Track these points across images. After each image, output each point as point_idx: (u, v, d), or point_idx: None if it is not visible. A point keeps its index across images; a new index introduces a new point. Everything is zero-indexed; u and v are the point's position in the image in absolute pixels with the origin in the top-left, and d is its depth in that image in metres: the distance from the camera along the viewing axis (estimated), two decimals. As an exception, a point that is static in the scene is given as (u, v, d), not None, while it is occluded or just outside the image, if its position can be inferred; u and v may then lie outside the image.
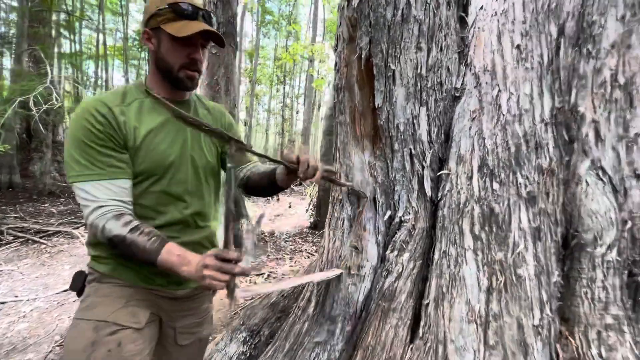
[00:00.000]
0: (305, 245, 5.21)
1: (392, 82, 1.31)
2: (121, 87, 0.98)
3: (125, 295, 0.96)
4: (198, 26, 0.89)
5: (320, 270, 1.48)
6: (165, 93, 0.97)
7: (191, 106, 1.05)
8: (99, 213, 0.84)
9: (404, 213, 1.39)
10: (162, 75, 0.96)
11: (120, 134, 0.89)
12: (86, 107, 0.88)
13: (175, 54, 0.92)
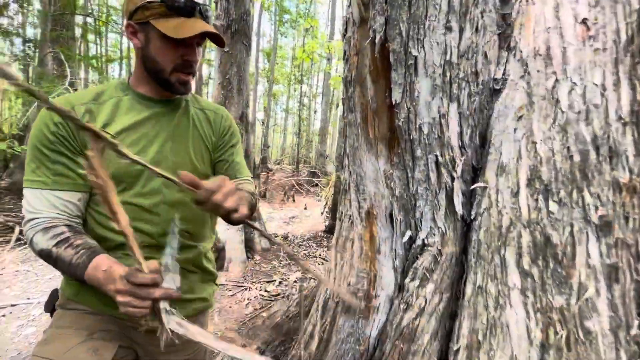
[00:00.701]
0: (319, 250, 4.98)
1: (414, 73, 1.04)
2: (100, 85, 0.90)
3: (88, 326, 0.84)
4: (196, 26, 0.78)
5: (324, 302, 1.24)
6: (152, 92, 0.88)
7: (180, 105, 0.93)
8: (30, 225, 0.75)
9: (428, 234, 1.13)
10: (149, 75, 0.86)
11: (77, 136, 0.78)
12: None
13: (166, 55, 0.81)
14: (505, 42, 1.07)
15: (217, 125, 0.97)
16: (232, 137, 1.00)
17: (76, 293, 0.86)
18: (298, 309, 1.87)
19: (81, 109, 0.81)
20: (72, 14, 6.85)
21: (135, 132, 0.84)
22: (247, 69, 4.73)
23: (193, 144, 0.90)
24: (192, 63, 0.84)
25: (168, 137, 0.87)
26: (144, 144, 0.84)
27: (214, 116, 0.98)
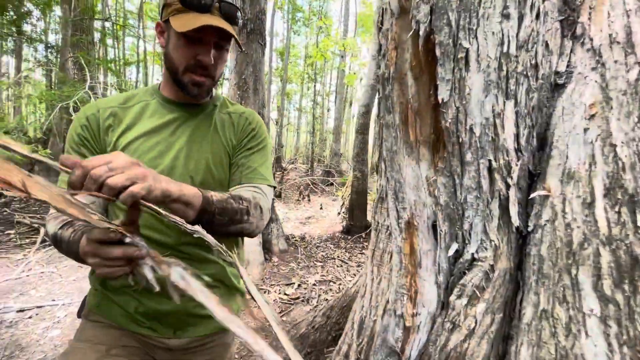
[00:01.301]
0: (337, 251, 4.89)
1: (465, 67, 0.93)
2: (135, 90, 0.92)
3: (107, 341, 0.82)
4: (205, 20, 0.73)
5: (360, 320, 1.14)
6: (176, 96, 0.87)
7: (205, 110, 0.91)
8: (48, 216, 0.77)
9: (478, 248, 1.01)
10: (170, 76, 0.84)
11: (98, 138, 0.80)
12: (80, 110, 0.84)
13: (180, 53, 0.79)
14: (569, 30, 0.94)
15: (239, 128, 0.92)
16: (251, 140, 0.92)
17: (98, 304, 0.86)
18: (324, 320, 1.78)
19: (106, 112, 0.82)
20: (91, 19, 6.97)
21: (156, 135, 0.83)
22: (262, 68, 4.67)
23: (212, 149, 0.87)
24: (207, 64, 0.79)
25: (186, 142, 0.85)
26: (162, 149, 0.82)
27: (238, 119, 0.94)
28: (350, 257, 4.78)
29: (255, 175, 0.88)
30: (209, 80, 0.82)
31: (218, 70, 0.83)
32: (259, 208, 0.79)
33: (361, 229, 5.43)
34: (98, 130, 0.80)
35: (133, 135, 0.81)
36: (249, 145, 0.91)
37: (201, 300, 0.53)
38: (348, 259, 4.68)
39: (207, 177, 0.85)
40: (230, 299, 0.93)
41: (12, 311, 2.82)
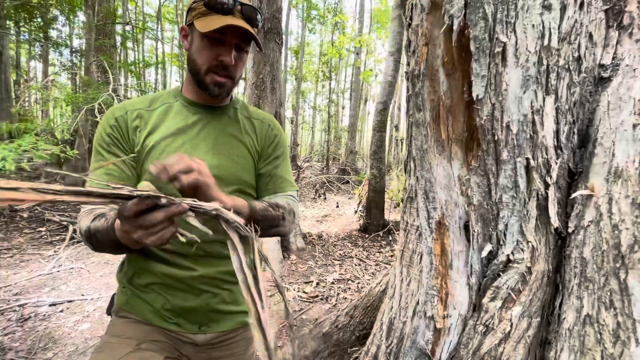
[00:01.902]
0: (355, 250, 4.86)
1: (502, 62, 0.89)
2: (158, 92, 0.93)
3: (138, 336, 0.85)
4: (227, 21, 0.76)
5: (389, 321, 1.12)
6: (198, 97, 0.88)
7: (228, 112, 0.92)
8: (80, 213, 0.79)
9: (514, 249, 0.97)
10: (192, 77, 0.86)
11: (127, 138, 0.83)
12: (108, 111, 0.86)
13: (203, 54, 0.81)
14: (615, 20, 0.89)
15: (262, 135, 0.94)
16: (276, 148, 0.95)
17: (126, 301, 0.88)
18: (347, 319, 1.77)
19: (134, 113, 0.84)
20: (113, 23, 7.17)
21: (181, 136, 0.84)
22: (280, 67, 4.68)
23: (238, 151, 0.88)
24: (228, 65, 0.81)
25: (212, 145, 0.86)
26: (187, 149, 0.84)
27: (260, 125, 0.95)
28: (368, 255, 4.75)
29: (286, 185, 0.94)
30: (229, 81, 0.84)
31: (238, 71, 0.85)
32: (292, 213, 0.87)
33: (379, 227, 5.38)
34: (127, 130, 0.83)
35: (159, 136, 0.84)
36: (275, 154, 0.95)
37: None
38: (366, 258, 4.65)
39: (233, 179, 0.87)
40: None
41: (45, 305, 2.94)
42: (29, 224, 4.96)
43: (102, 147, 0.82)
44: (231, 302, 0.90)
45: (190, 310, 0.86)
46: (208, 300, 0.86)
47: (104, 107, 5.27)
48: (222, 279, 0.87)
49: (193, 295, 0.85)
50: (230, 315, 0.91)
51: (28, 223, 4.96)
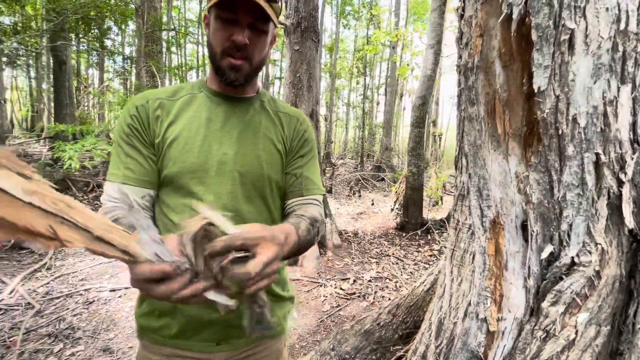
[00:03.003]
0: (392, 248, 4.79)
1: (568, 50, 0.83)
2: (184, 83, 0.88)
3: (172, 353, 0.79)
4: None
5: (439, 321, 1.10)
6: (222, 88, 0.83)
7: (253, 104, 0.85)
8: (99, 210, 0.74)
9: (580, 251, 0.91)
10: (212, 65, 0.81)
11: (147, 128, 0.77)
12: (129, 101, 0.83)
13: (217, 37, 0.75)
14: None
15: (290, 130, 0.87)
16: (303, 145, 0.88)
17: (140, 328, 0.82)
18: (390, 318, 1.76)
19: (155, 102, 0.79)
20: (160, 30, 7.65)
21: (204, 128, 0.79)
22: (316, 65, 4.71)
23: (264, 146, 0.82)
24: (241, 44, 0.74)
25: (236, 138, 0.80)
26: (211, 142, 0.78)
27: (288, 119, 0.88)
28: (406, 254, 4.65)
29: (313, 187, 0.87)
30: (246, 64, 0.77)
31: (256, 53, 0.77)
32: (323, 223, 0.82)
33: (416, 226, 5.25)
34: (147, 120, 0.78)
35: (180, 127, 0.78)
36: (302, 152, 0.88)
37: None
38: (404, 257, 4.56)
39: (257, 175, 0.81)
40: (276, 307, 0.87)
41: (106, 290, 3.24)
42: (91, 217, 5.47)
43: (121, 138, 0.76)
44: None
45: (207, 325, 0.78)
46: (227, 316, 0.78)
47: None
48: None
49: (212, 310, 0.76)
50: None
51: (90, 216, 5.47)
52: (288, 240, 0.60)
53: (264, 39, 0.77)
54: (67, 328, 2.61)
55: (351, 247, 4.79)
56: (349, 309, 3.24)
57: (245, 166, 0.79)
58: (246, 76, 0.78)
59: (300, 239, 0.67)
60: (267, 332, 0.56)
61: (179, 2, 15.88)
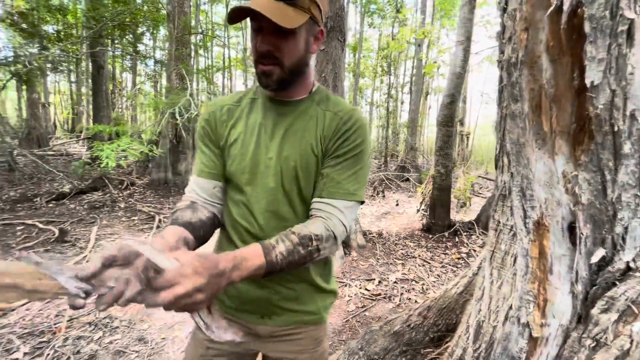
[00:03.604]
0: (418, 250, 4.70)
1: (626, 42, 0.78)
2: (250, 87, 0.95)
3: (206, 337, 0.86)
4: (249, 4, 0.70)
5: (477, 324, 1.07)
6: (271, 93, 0.85)
7: (299, 107, 0.85)
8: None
9: (637, 256, 0.85)
10: None
11: (215, 132, 0.87)
12: (207, 107, 0.93)
13: (252, 45, 0.78)
14: None
15: (329, 129, 0.81)
16: (341, 145, 0.80)
17: None
18: (420, 320, 1.73)
19: (224, 108, 0.88)
20: (189, 34, 7.92)
21: (256, 133, 0.83)
22: (342, 65, 4.71)
23: (300, 151, 0.81)
24: (259, 51, 0.75)
25: (278, 143, 0.82)
26: (260, 147, 0.83)
27: (332, 118, 0.83)
28: (433, 256, 4.55)
29: (337, 190, 0.79)
30: (277, 68, 0.76)
31: (286, 56, 0.76)
32: (331, 239, 0.75)
33: (443, 227, 5.12)
34: (215, 124, 0.87)
35: (239, 130, 0.85)
36: (338, 152, 0.80)
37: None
38: (430, 259, 4.46)
39: (292, 184, 0.82)
40: (317, 297, 0.91)
41: (141, 283, 3.39)
42: (125, 213, 5.75)
43: (199, 139, 0.89)
44: (293, 300, 0.88)
45: (253, 301, 0.87)
46: (269, 296, 0.86)
47: (183, 111, 5.87)
48: (284, 278, 0.85)
49: (257, 287, 0.85)
50: (291, 312, 0.88)
51: (124, 212, 5.75)
52: (236, 263, 0.62)
53: (292, 41, 0.75)
54: (105, 317, 2.76)
55: (376, 247, 4.75)
56: (374, 310, 3.21)
57: (283, 173, 0.81)
58: (279, 81, 0.78)
59: (273, 263, 0.67)
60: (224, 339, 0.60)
61: (206, 5, 16.39)
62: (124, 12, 8.32)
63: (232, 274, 0.61)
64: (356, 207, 0.82)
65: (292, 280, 0.86)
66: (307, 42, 0.79)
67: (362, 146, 0.81)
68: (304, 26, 0.75)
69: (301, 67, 0.80)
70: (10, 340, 2.35)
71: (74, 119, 17.21)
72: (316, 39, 0.81)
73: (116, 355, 2.31)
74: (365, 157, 0.82)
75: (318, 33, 0.81)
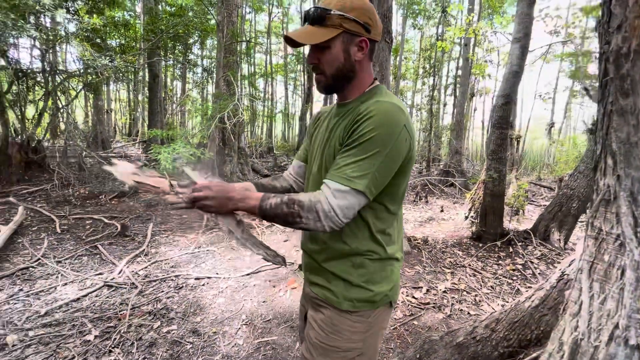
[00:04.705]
0: (467, 259, 4.45)
1: None
2: None
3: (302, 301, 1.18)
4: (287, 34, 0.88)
5: (574, 343, 0.95)
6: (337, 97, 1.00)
7: (347, 108, 0.96)
8: None
9: None
10: None
11: (311, 130, 1.11)
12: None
13: None
14: None
15: (349, 123, 0.86)
16: (352, 132, 0.83)
17: None
18: (488, 333, 1.61)
19: (320, 114, 1.11)
20: (237, 42, 8.29)
21: (321, 131, 1.02)
22: (388, 67, 4.63)
23: (328, 152, 0.93)
24: (310, 64, 0.91)
25: (327, 137, 0.96)
26: (316, 141, 1.03)
27: (352, 112, 0.89)
28: (484, 267, 4.28)
29: (336, 172, 0.82)
30: (322, 77, 0.92)
31: (326, 67, 0.90)
32: (313, 212, 0.81)
33: (495, 236, 4.80)
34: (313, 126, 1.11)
35: (318, 130, 1.06)
36: (348, 140, 0.84)
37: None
38: (481, 269, 4.20)
39: (324, 172, 0.94)
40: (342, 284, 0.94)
41: (192, 278, 3.57)
42: (177, 211, 6.11)
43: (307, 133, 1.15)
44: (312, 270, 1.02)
45: (306, 253, 1.05)
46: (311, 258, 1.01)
47: (231, 115, 6.14)
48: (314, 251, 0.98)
49: (305, 255, 1.05)
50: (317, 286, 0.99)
51: (176, 210, 6.12)
52: (242, 197, 0.88)
53: (327, 52, 0.88)
54: (163, 308, 2.93)
55: (421, 254, 4.58)
56: (423, 319, 3.08)
57: (321, 161, 0.96)
58: (325, 87, 0.94)
59: (263, 208, 0.85)
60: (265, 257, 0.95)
61: (250, 15, 17.10)
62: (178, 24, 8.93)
63: (237, 203, 0.88)
64: (352, 195, 0.81)
65: (332, 258, 0.94)
66: (346, 52, 0.89)
67: (371, 134, 0.80)
68: (339, 39, 0.87)
69: (345, 73, 0.91)
70: (84, 324, 2.58)
71: (130, 123, 18.77)
72: (360, 48, 0.90)
73: (173, 345, 2.44)
74: (374, 146, 0.80)
75: (360, 42, 0.89)
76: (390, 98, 0.87)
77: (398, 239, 1.00)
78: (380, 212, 0.91)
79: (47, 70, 6.43)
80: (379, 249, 0.92)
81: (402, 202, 0.99)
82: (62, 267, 3.50)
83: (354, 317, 0.93)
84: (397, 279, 1.00)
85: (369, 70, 0.96)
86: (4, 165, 6.17)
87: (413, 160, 0.90)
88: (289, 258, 4.13)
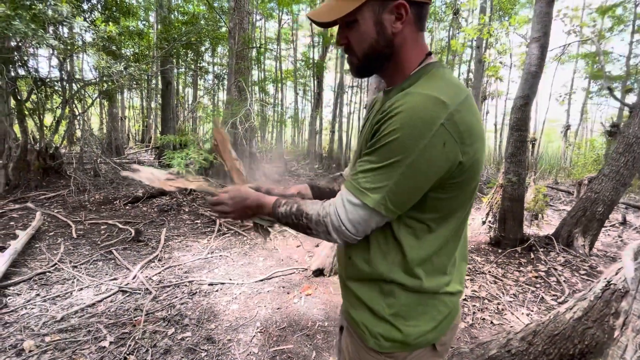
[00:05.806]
0: (487, 266, 4.28)
1: None
2: None
3: None
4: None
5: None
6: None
7: (387, 95, 0.80)
8: None
9: None
10: None
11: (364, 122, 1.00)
12: None
13: None
14: None
15: (375, 120, 0.71)
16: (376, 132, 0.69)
17: None
18: (524, 346, 1.50)
19: (377, 103, 0.87)
20: (249, 48, 8.36)
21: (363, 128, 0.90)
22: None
23: (361, 146, 0.82)
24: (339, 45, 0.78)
25: (361, 136, 0.86)
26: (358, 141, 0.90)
27: (380, 106, 0.76)
28: (505, 274, 4.11)
29: (351, 181, 0.71)
30: (354, 58, 0.77)
31: (355, 45, 0.75)
32: (322, 225, 0.74)
33: (515, 242, 4.63)
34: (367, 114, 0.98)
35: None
36: (371, 141, 0.70)
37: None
38: (502, 276, 4.04)
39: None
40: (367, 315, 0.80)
41: (206, 284, 3.52)
42: (189, 216, 6.12)
43: None
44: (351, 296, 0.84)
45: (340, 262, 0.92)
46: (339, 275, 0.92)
47: (244, 120, 6.15)
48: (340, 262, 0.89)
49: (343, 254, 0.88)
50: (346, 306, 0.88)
51: (189, 216, 6.12)
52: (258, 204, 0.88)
53: (356, 26, 0.73)
54: (177, 315, 2.88)
55: (438, 260, 4.44)
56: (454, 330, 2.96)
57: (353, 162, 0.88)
58: (357, 69, 0.79)
59: (277, 214, 0.83)
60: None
61: (260, 22, 17.32)
62: (191, 32, 9.07)
63: (256, 210, 0.89)
64: (363, 209, 0.68)
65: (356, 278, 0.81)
66: (378, 24, 0.71)
67: (390, 137, 0.64)
68: (367, 9, 0.70)
69: (380, 50, 0.74)
70: (99, 329, 2.55)
71: (143, 130, 19.12)
72: (398, 16, 0.70)
73: (188, 352, 2.38)
74: (392, 154, 0.65)
75: (396, 7, 0.69)
76: (433, 85, 0.67)
77: (452, 268, 0.77)
78: (420, 233, 0.71)
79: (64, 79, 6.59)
80: (413, 281, 0.73)
81: (463, 220, 0.76)
82: (78, 272, 3.50)
83: (382, 357, 0.76)
84: (448, 317, 0.78)
85: (418, 44, 0.74)
86: (23, 171, 6.31)
87: (473, 168, 0.68)
88: (302, 264, 4.06)
